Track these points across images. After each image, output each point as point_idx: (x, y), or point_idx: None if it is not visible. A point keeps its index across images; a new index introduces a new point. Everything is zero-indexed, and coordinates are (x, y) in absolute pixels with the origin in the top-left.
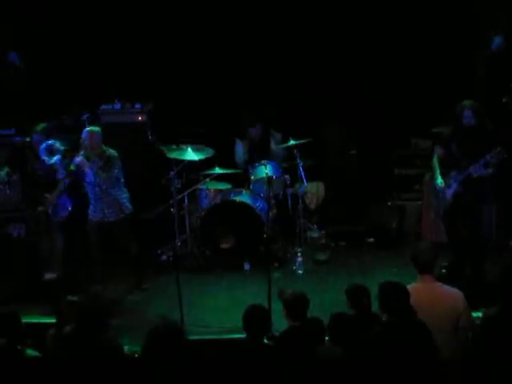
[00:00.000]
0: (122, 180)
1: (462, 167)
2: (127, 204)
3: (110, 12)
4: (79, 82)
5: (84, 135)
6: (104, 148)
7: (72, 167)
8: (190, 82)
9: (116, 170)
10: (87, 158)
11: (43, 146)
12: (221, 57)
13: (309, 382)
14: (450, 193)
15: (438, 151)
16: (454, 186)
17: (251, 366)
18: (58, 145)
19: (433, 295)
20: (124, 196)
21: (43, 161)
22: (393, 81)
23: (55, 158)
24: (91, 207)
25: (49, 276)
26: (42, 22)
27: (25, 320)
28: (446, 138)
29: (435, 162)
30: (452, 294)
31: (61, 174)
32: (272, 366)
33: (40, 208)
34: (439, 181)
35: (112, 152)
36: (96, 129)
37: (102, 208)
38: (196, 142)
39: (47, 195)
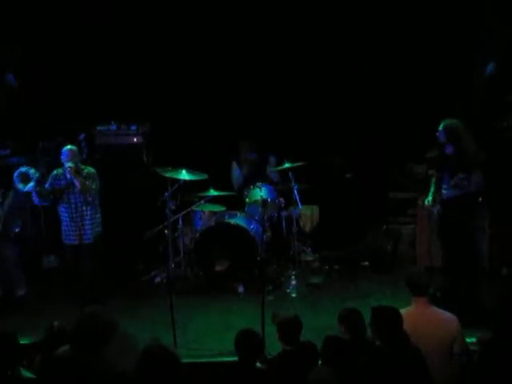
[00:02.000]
0: (97, 201)
1: (441, 188)
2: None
3: (109, 35)
4: (75, 103)
5: (63, 155)
6: (82, 166)
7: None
8: (187, 105)
9: (94, 187)
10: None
11: (16, 173)
12: (217, 81)
13: None
14: (435, 213)
15: (435, 174)
16: (438, 206)
17: None
18: (32, 171)
19: (427, 319)
20: (98, 216)
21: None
22: (389, 106)
23: (29, 186)
24: (65, 231)
25: None
26: (37, 42)
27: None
28: (434, 161)
29: (432, 183)
30: (446, 318)
31: (35, 200)
32: None
33: None
34: (426, 199)
35: (90, 169)
36: (73, 147)
37: (77, 229)
38: (191, 165)
39: None
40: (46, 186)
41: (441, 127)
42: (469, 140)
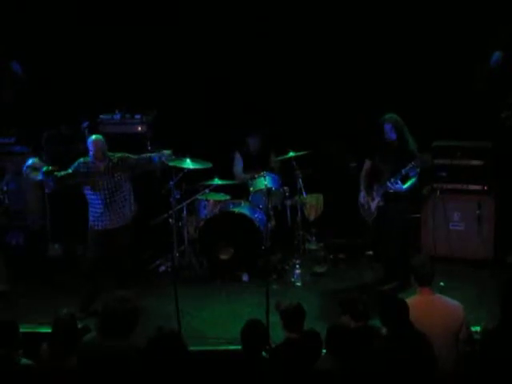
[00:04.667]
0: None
1: (382, 181)
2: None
3: (114, 24)
4: (80, 91)
5: (89, 146)
6: (110, 153)
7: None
8: (191, 94)
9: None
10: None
11: (24, 168)
12: (222, 70)
13: None
14: (373, 206)
15: (366, 164)
16: (377, 199)
17: (248, 378)
18: (38, 162)
19: (433, 307)
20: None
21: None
22: (390, 95)
23: (40, 175)
24: (96, 216)
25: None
26: (42, 31)
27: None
28: (370, 151)
29: (361, 175)
30: (452, 306)
31: (49, 188)
32: (269, 378)
33: None
34: (361, 194)
35: (119, 154)
36: (99, 137)
37: (110, 214)
38: (196, 154)
39: None
40: (70, 170)
41: (388, 123)
42: (408, 132)
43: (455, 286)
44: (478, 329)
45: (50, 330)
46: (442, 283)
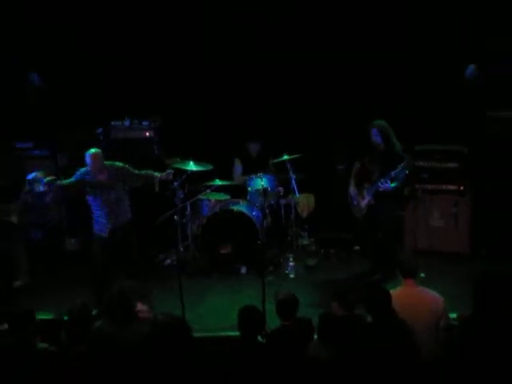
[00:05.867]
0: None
1: (372, 181)
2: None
3: (126, 38)
4: (94, 100)
5: (87, 160)
6: (109, 162)
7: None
8: (194, 102)
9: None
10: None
11: (27, 182)
12: (222, 81)
13: (299, 376)
14: (364, 203)
15: (356, 165)
16: (367, 197)
17: (245, 362)
18: (39, 175)
19: (417, 298)
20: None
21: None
22: (377, 104)
23: (41, 187)
24: (99, 222)
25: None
26: (60, 46)
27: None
28: (360, 154)
29: (352, 173)
30: (434, 298)
31: (49, 198)
32: (264, 361)
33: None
34: (351, 192)
35: (119, 164)
36: (97, 150)
37: (115, 216)
38: (198, 157)
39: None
40: (73, 178)
41: (374, 128)
42: (395, 137)
43: (435, 277)
44: (455, 316)
45: (66, 319)
46: (422, 274)
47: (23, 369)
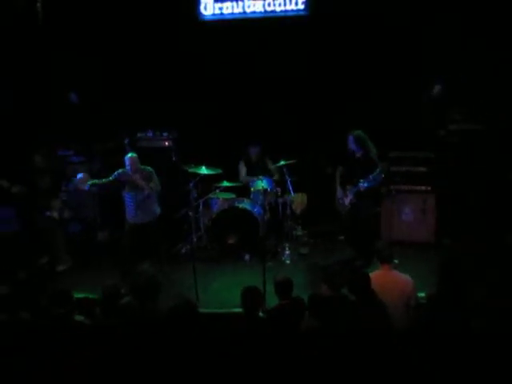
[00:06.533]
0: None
1: (354, 183)
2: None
3: (147, 67)
4: (122, 115)
5: (126, 162)
6: (142, 166)
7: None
8: (205, 116)
9: (153, 183)
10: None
11: (75, 181)
12: (229, 98)
13: (294, 346)
14: (347, 201)
15: (339, 169)
16: (350, 196)
17: (247, 335)
18: (85, 176)
19: (390, 280)
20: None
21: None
22: (357, 117)
23: (87, 186)
24: (130, 213)
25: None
26: (94, 72)
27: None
28: (342, 159)
29: (337, 176)
30: (404, 280)
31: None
32: (263, 334)
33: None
34: (338, 191)
35: (148, 168)
36: (134, 155)
37: (143, 210)
38: (209, 163)
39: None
40: (111, 178)
41: (351, 137)
42: (371, 145)
43: (406, 263)
44: (423, 295)
45: (99, 297)
46: (396, 261)
47: (62, 339)
